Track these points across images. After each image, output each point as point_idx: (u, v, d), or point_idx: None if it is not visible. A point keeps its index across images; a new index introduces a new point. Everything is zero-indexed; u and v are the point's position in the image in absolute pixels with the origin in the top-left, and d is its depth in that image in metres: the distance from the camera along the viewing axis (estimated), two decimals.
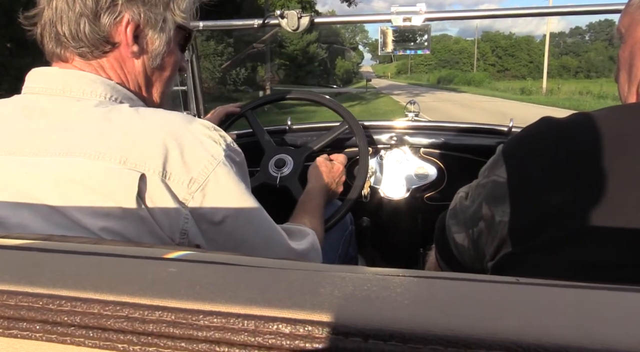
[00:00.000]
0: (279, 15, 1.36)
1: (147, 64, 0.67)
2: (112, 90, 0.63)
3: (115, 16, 0.61)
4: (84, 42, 0.62)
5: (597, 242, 0.55)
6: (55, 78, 0.62)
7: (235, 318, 0.19)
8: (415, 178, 1.55)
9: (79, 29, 0.61)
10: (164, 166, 0.54)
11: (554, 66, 66.27)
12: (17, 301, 0.21)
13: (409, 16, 1.34)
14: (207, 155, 0.57)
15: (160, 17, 0.65)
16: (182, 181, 0.56)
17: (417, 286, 0.22)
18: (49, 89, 0.61)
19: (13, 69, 10.73)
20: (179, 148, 0.56)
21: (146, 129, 0.56)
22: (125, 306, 0.20)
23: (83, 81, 0.61)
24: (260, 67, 20.87)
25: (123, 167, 0.53)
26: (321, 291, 0.21)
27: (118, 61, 0.65)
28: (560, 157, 0.59)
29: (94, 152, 0.54)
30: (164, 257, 0.30)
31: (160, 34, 0.66)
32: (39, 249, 0.32)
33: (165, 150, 0.55)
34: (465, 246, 0.74)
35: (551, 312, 0.20)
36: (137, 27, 0.64)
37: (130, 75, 0.66)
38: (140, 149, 0.54)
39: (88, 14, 0.60)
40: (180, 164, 0.55)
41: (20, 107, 0.61)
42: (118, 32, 0.63)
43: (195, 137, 0.58)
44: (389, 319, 0.18)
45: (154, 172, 0.54)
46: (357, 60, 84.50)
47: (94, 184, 0.53)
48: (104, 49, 0.63)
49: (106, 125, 0.56)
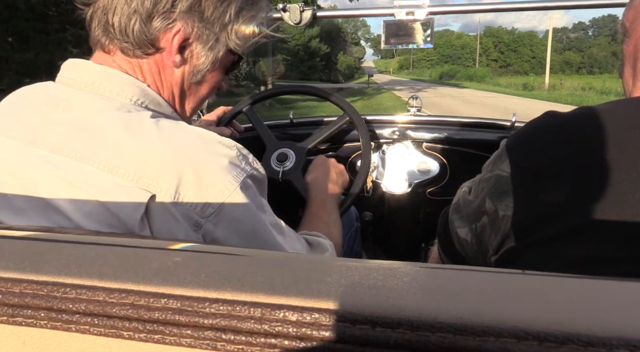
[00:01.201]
0: (282, 9, 1.36)
1: (186, 76, 0.66)
2: (140, 93, 0.61)
3: (168, 23, 0.60)
4: (130, 38, 0.61)
5: (602, 236, 0.55)
6: (88, 72, 0.61)
7: (241, 306, 0.19)
8: (417, 173, 1.54)
9: (128, 24, 0.60)
10: (177, 188, 0.53)
11: (556, 62, 66.05)
12: (21, 288, 0.21)
13: (412, 10, 1.34)
14: (225, 179, 0.55)
15: (214, 36, 0.64)
16: (195, 205, 0.54)
17: (423, 276, 0.22)
18: (78, 82, 0.60)
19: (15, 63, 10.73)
20: (196, 170, 0.54)
21: (164, 146, 0.54)
22: (130, 294, 0.20)
23: (113, 80, 0.61)
24: (262, 62, 20.82)
25: (134, 185, 0.52)
26: (327, 279, 0.21)
27: (157, 66, 0.64)
28: (564, 152, 0.59)
29: (108, 164, 0.53)
30: (168, 248, 0.30)
31: (208, 52, 0.65)
32: (42, 239, 0.32)
33: (181, 171, 0.53)
34: (468, 241, 0.74)
35: (559, 301, 0.20)
36: (187, 39, 0.62)
37: (167, 82, 0.65)
38: (154, 167, 0.53)
39: (142, 13, 0.59)
40: (195, 187, 0.54)
41: (49, 97, 0.60)
42: (165, 39, 0.61)
43: (214, 158, 0.56)
44: (396, 307, 0.18)
45: (166, 194, 0.52)
46: (359, 55, 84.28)
47: (101, 196, 0.52)
48: (147, 50, 0.62)
49: (124, 135, 0.55)
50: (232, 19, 0.64)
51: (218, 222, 0.55)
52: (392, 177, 1.54)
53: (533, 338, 0.17)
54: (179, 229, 0.53)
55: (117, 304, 0.20)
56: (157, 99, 0.63)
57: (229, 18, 0.64)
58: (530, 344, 0.17)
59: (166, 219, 0.53)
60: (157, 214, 0.52)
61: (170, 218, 0.53)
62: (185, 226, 0.54)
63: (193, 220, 0.54)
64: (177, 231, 0.53)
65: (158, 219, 0.52)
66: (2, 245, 0.29)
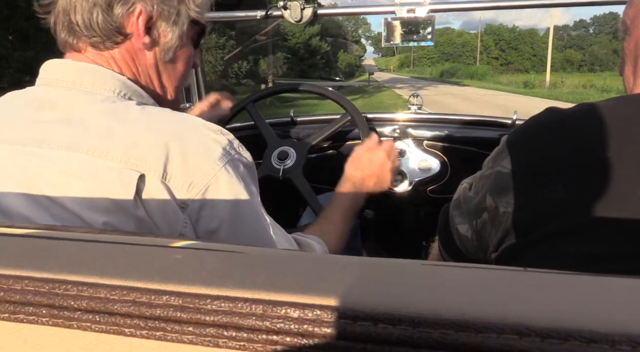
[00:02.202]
0: (282, 7, 1.36)
1: (159, 57, 0.67)
2: (122, 85, 0.63)
3: (128, 7, 0.62)
4: (96, 31, 0.62)
5: (603, 233, 0.54)
6: (67, 70, 0.62)
7: (243, 303, 0.19)
8: (418, 171, 1.54)
9: (92, 18, 0.61)
10: (165, 168, 0.54)
11: (557, 59, 65.96)
12: (23, 285, 0.21)
13: (413, 7, 1.34)
14: (210, 159, 0.57)
15: (174, 10, 0.65)
16: (181, 184, 0.55)
17: (424, 272, 0.22)
18: (60, 81, 0.61)
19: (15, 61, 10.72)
20: (182, 151, 0.55)
21: (150, 129, 0.56)
22: (132, 291, 0.20)
23: (94, 75, 0.62)
24: (262, 60, 20.81)
25: (124, 166, 0.53)
26: (329, 276, 0.21)
27: (130, 53, 0.65)
28: (565, 148, 0.59)
29: (97, 150, 0.54)
30: (170, 245, 0.30)
31: (173, 27, 0.66)
32: (44, 236, 0.32)
33: (167, 151, 0.54)
34: (469, 237, 0.74)
35: (561, 297, 0.20)
36: (150, 19, 0.64)
37: (142, 67, 0.66)
38: (142, 149, 0.54)
39: (101, 4, 0.61)
40: (181, 166, 0.55)
41: (32, 99, 0.61)
42: (130, 23, 0.63)
43: (200, 140, 0.57)
44: (398, 303, 0.18)
45: (154, 173, 0.54)
46: (359, 53, 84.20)
47: (94, 180, 0.53)
48: (116, 39, 0.63)
49: (111, 123, 0.56)
50: None
51: (203, 201, 0.56)
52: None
53: (535, 335, 0.17)
54: (169, 208, 0.54)
55: (118, 301, 0.20)
56: (138, 91, 0.65)
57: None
58: (533, 341, 0.17)
59: (157, 198, 0.54)
60: (148, 193, 0.54)
61: (160, 197, 0.54)
62: (173, 205, 0.55)
63: (180, 199, 0.55)
64: (167, 210, 0.54)
65: (149, 198, 0.54)
66: (3, 242, 0.29)
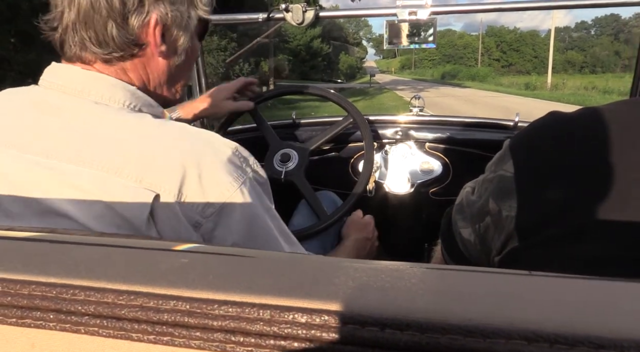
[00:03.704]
0: (284, 9, 1.36)
1: (171, 61, 0.66)
2: (131, 96, 0.61)
3: (144, 17, 0.59)
4: (110, 46, 0.59)
5: (606, 236, 0.54)
6: (76, 77, 0.60)
7: (250, 308, 0.19)
8: (420, 173, 1.54)
9: (106, 33, 0.58)
10: (180, 188, 0.53)
11: (559, 61, 65.94)
12: (30, 290, 0.21)
13: (415, 10, 1.34)
14: (225, 180, 0.56)
15: (186, 14, 0.64)
16: (197, 205, 0.54)
17: (431, 277, 0.22)
18: (67, 88, 0.59)
19: (17, 64, 10.74)
20: (198, 171, 0.54)
21: (167, 148, 0.55)
22: (139, 296, 0.20)
23: (103, 85, 0.60)
24: (264, 62, 20.84)
25: (139, 186, 0.52)
26: (335, 281, 0.21)
27: (142, 62, 0.63)
28: (568, 152, 0.59)
29: (111, 166, 0.53)
30: (175, 249, 0.30)
31: (185, 30, 0.65)
32: (47, 240, 0.32)
33: (184, 172, 0.53)
34: (472, 241, 0.74)
35: (568, 302, 0.19)
36: (165, 26, 0.62)
37: (153, 74, 0.65)
38: (158, 169, 0.53)
39: (115, 18, 0.58)
40: (197, 187, 0.54)
41: (35, 101, 0.59)
42: (146, 34, 0.61)
43: (216, 160, 0.56)
44: (405, 308, 0.18)
45: (169, 193, 0.53)
46: (360, 55, 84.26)
47: (106, 198, 0.52)
48: (132, 51, 0.61)
49: (126, 138, 0.55)
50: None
51: (218, 222, 0.56)
52: (394, 178, 1.54)
53: (544, 340, 0.17)
54: (181, 227, 0.54)
55: (125, 306, 0.20)
56: (147, 101, 0.63)
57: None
58: (541, 346, 0.17)
59: (170, 218, 0.53)
60: (162, 213, 0.53)
61: (173, 217, 0.53)
62: (186, 225, 0.54)
63: (194, 220, 0.55)
64: (180, 230, 0.54)
65: (162, 218, 0.53)
66: (8, 246, 0.29)
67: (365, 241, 1.19)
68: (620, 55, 69.51)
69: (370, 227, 1.22)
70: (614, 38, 76.25)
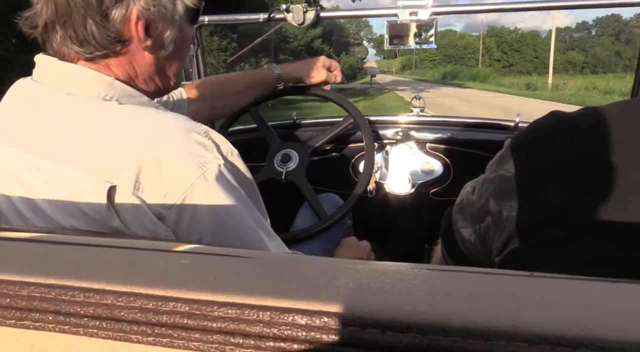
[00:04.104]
0: (285, 10, 1.36)
1: (158, 54, 0.63)
2: (108, 87, 0.59)
3: (124, 13, 0.57)
4: (93, 45, 0.57)
5: (607, 237, 0.54)
6: (53, 69, 0.59)
7: (250, 309, 0.19)
8: (420, 173, 1.54)
9: (86, 31, 0.56)
10: (137, 178, 0.51)
11: (559, 61, 65.90)
12: (29, 291, 0.21)
13: (416, 10, 1.34)
14: (186, 168, 0.53)
15: (170, 6, 0.61)
16: (156, 194, 0.52)
17: (432, 278, 0.22)
18: (47, 80, 0.59)
19: (18, 64, 10.74)
20: (156, 159, 0.52)
21: (125, 136, 0.53)
22: (138, 297, 0.20)
23: (78, 76, 0.58)
24: (265, 62, 20.85)
25: (95, 177, 0.51)
26: (336, 282, 0.21)
27: (127, 58, 0.61)
28: (569, 152, 0.59)
29: (71, 159, 0.53)
30: (174, 249, 0.30)
31: (171, 22, 0.62)
32: (47, 241, 0.32)
33: (140, 160, 0.51)
34: (472, 241, 0.74)
35: (570, 304, 0.19)
36: (148, 21, 0.59)
37: (140, 68, 0.63)
38: (114, 159, 0.52)
39: (94, 15, 0.56)
40: (155, 176, 0.52)
41: (25, 94, 0.60)
42: (128, 30, 0.58)
43: (178, 147, 0.53)
44: (406, 310, 0.18)
45: (127, 184, 0.51)
46: (361, 55, 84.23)
47: (68, 190, 0.52)
48: (114, 49, 0.59)
49: (89, 130, 0.54)
50: None
51: (182, 214, 0.53)
52: (395, 178, 1.54)
53: (545, 342, 0.17)
54: (145, 218, 0.52)
55: (125, 308, 0.20)
56: (128, 91, 0.61)
57: None
58: (543, 349, 0.17)
59: (131, 210, 0.52)
60: (122, 204, 0.52)
61: (135, 209, 0.52)
62: (150, 216, 0.52)
63: (157, 210, 0.52)
64: (145, 221, 0.52)
65: (123, 209, 0.52)
66: (7, 247, 0.29)
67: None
68: (621, 55, 69.48)
69: (363, 249, 1.17)
70: (615, 38, 76.23)
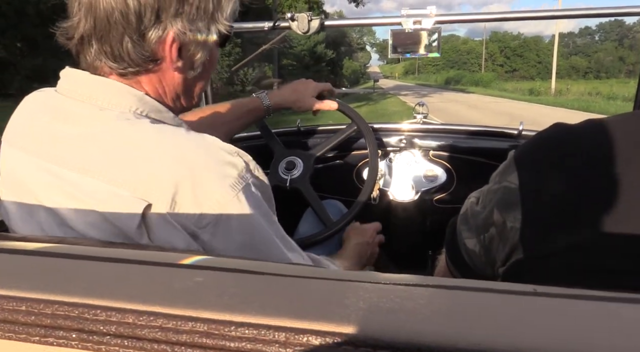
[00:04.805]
0: (290, 18, 1.37)
1: (187, 74, 0.65)
2: (138, 102, 0.60)
3: (160, 34, 0.58)
4: (127, 62, 0.59)
5: (610, 249, 0.55)
6: (84, 83, 0.60)
7: (266, 329, 0.20)
8: (424, 180, 1.55)
9: (121, 48, 0.58)
10: (173, 197, 0.52)
11: (563, 67, 65.85)
12: (53, 310, 0.22)
13: (419, 19, 1.35)
14: (222, 188, 0.54)
15: (205, 30, 0.62)
16: (190, 214, 0.53)
17: (438, 297, 0.22)
18: (77, 94, 0.59)
19: (23, 68, 10.82)
20: (192, 180, 0.53)
21: (160, 156, 0.54)
22: (158, 317, 0.21)
23: (110, 90, 0.59)
24: (268, 67, 20.91)
25: (132, 195, 0.52)
26: (346, 302, 0.22)
27: (157, 76, 0.62)
28: (572, 164, 0.59)
29: (107, 175, 0.53)
30: (183, 262, 0.30)
31: (204, 45, 0.63)
32: (61, 254, 0.32)
33: (177, 180, 0.53)
34: (477, 252, 0.74)
35: (572, 324, 0.20)
36: (181, 43, 0.60)
37: (169, 87, 0.64)
38: (151, 178, 0.53)
39: (132, 33, 0.57)
40: (192, 196, 0.53)
41: (50, 107, 0.60)
42: (162, 50, 0.59)
43: (211, 167, 0.55)
44: (415, 332, 0.19)
45: (162, 203, 0.52)
46: (364, 60, 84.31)
47: (100, 206, 0.53)
48: (147, 66, 0.60)
49: (122, 145, 0.55)
50: (215, 4, 0.63)
51: (215, 232, 0.54)
52: (398, 185, 1.55)
53: None
54: (179, 238, 0.53)
55: (146, 327, 0.20)
56: (156, 106, 0.62)
57: (212, 5, 0.62)
58: None
59: (164, 228, 0.53)
60: (155, 223, 0.52)
61: (168, 227, 0.53)
62: (184, 234, 0.53)
63: (190, 230, 0.54)
64: (176, 240, 0.53)
65: (156, 228, 0.53)
66: (23, 261, 0.30)
67: (366, 246, 1.19)
68: (624, 60, 69.41)
69: (369, 232, 1.22)
70: (618, 44, 76.14)
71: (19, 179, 0.59)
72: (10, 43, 10.97)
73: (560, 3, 35.55)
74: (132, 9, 0.56)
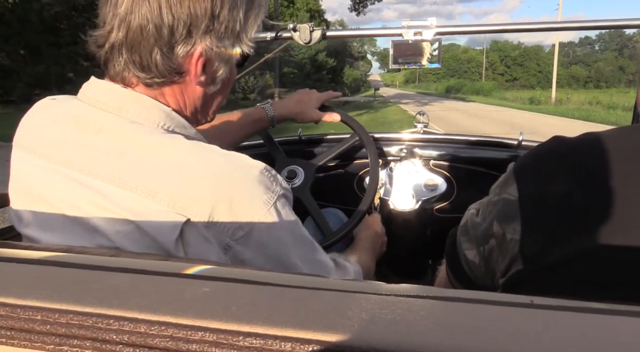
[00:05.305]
0: (292, 29, 1.39)
1: (207, 89, 0.67)
2: (166, 117, 0.62)
3: (189, 48, 0.60)
4: (154, 73, 0.61)
5: (609, 260, 0.55)
6: (114, 95, 0.61)
7: (273, 340, 0.20)
8: (424, 190, 1.55)
9: (150, 59, 0.59)
10: (211, 213, 0.55)
11: (563, 76, 66.04)
12: (67, 319, 0.23)
13: (420, 30, 1.36)
14: (255, 203, 0.57)
15: (230, 48, 0.65)
16: (227, 229, 0.56)
17: (439, 309, 0.23)
18: (105, 105, 0.60)
19: (26, 76, 10.86)
20: (229, 195, 0.55)
21: (199, 173, 0.56)
22: (169, 326, 0.22)
23: (140, 105, 0.61)
24: (269, 75, 20.99)
25: (170, 210, 0.54)
26: (349, 313, 0.22)
27: (180, 88, 0.64)
28: (571, 177, 0.60)
29: (145, 189, 0.54)
30: (197, 274, 0.31)
31: (227, 63, 0.66)
32: (72, 263, 0.33)
33: (215, 197, 0.55)
34: (477, 263, 0.75)
35: (569, 338, 0.21)
36: (207, 58, 0.62)
37: (189, 100, 0.66)
38: (190, 194, 0.54)
39: (162, 46, 0.59)
40: (228, 211, 0.55)
41: (76, 116, 0.61)
42: (188, 64, 0.62)
43: (246, 183, 0.57)
44: (417, 344, 0.20)
45: (200, 218, 0.54)
46: (365, 69, 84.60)
47: (138, 219, 0.54)
48: (172, 78, 0.62)
49: (159, 160, 0.56)
50: (242, 25, 0.65)
51: (247, 244, 0.57)
52: (399, 194, 1.55)
53: None
54: (211, 251, 0.56)
55: (157, 336, 0.21)
56: (182, 122, 0.64)
57: (239, 26, 0.64)
58: None
59: (199, 241, 0.55)
60: (191, 236, 0.54)
61: (203, 241, 0.55)
62: (217, 248, 0.56)
63: (224, 243, 0.56)
64: (209, 253, 0.55)
65: (191, 241, 0.55)
66: (38, 271, 0.31)
67: (376, 236, 1.23)
68: (624, 70, 69.62)
69: (377, 224, 1.26)
70: (618, 53, 76.44)
71: (33, 184, 0.60)
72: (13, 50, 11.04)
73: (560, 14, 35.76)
74: (166, 23, 0.58)
